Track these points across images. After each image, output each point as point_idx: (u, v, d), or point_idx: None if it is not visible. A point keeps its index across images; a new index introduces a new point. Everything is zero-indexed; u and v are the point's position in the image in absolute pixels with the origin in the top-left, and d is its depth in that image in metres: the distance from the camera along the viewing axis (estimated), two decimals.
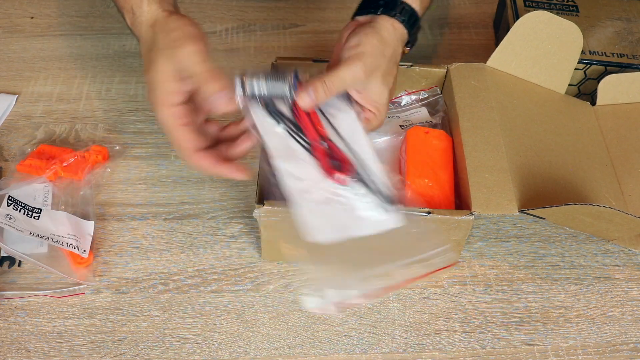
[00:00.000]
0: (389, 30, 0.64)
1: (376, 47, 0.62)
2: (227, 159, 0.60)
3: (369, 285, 0.57)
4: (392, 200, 0.59)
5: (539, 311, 0.67)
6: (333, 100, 0.62)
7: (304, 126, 0.59)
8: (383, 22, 0.65)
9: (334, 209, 0.58)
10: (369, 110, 0.64)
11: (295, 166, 0.58)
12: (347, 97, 0.64)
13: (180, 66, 0.57)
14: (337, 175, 0.58)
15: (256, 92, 0.57)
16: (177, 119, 0.57)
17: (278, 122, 0.59)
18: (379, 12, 0.65)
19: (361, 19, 0.67)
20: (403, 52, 0.68)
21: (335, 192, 0.58)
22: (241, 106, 0.57)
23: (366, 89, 0.62)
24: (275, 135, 0.59)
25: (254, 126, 0.58)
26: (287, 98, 0.59)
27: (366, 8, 0.67)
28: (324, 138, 0.60)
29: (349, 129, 0.62)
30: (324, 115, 0.62)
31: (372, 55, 0.61)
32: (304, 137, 0.59)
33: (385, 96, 0.63)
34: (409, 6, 0.66)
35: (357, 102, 0.64)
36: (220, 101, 0.57)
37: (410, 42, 0.68)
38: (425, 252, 0.58)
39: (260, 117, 0.58)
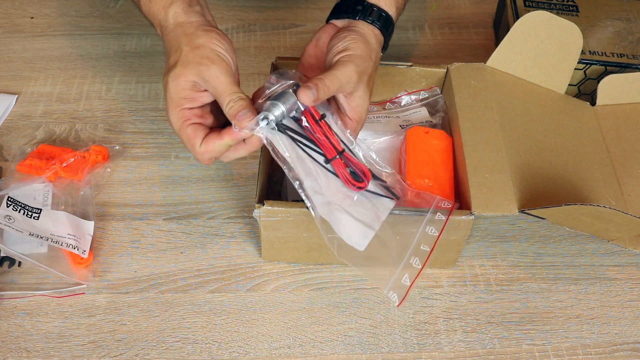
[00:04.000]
0: (371, 36, 0.65)
1: (364, 52, 0.63)
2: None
3: (410, 269, 0.60)
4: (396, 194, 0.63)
5: (539, 311, 0.67)
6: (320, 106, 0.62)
7: (322, 143, 0.60)
8: (364, 28, 0.65)
9: (359, 209, 0.60)
10: (349, 119, 0.63)
11: (318, 182, 0.59)
12: (327, 105, 0.64)
13: (201, 80, 0.59)
14: (358, 185, 0.60)
15: (274, 119, 0.58)
16: (186, 120, 0.60)
17: (297, 144, 0.59)
18: (357, 18, 0.66)
19: (338, 23, 0.68)
20: None
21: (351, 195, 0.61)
22: (264, 140, 0.58)
23: (354, 92, 0.62)
24: (298, 158, 0.59)
25: (277, 153, 0.59)
26: (300, 111, 0.59)
27: (343, 12, 0.68)
28: (339, 151, 0.60)
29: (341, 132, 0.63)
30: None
31: (362, 59, 0.62)
32: (322, 154, 0.60)
33: (368, 100, 0.64)
34: (386, 12, 0.67)
35: (336, 111, 0.64)
36: (242, 121, 0.57)
37: (385, 47, 0.69)
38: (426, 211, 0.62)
39: (281, 144, 0.59)
